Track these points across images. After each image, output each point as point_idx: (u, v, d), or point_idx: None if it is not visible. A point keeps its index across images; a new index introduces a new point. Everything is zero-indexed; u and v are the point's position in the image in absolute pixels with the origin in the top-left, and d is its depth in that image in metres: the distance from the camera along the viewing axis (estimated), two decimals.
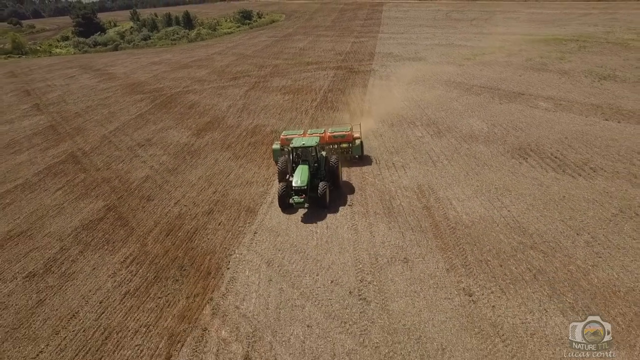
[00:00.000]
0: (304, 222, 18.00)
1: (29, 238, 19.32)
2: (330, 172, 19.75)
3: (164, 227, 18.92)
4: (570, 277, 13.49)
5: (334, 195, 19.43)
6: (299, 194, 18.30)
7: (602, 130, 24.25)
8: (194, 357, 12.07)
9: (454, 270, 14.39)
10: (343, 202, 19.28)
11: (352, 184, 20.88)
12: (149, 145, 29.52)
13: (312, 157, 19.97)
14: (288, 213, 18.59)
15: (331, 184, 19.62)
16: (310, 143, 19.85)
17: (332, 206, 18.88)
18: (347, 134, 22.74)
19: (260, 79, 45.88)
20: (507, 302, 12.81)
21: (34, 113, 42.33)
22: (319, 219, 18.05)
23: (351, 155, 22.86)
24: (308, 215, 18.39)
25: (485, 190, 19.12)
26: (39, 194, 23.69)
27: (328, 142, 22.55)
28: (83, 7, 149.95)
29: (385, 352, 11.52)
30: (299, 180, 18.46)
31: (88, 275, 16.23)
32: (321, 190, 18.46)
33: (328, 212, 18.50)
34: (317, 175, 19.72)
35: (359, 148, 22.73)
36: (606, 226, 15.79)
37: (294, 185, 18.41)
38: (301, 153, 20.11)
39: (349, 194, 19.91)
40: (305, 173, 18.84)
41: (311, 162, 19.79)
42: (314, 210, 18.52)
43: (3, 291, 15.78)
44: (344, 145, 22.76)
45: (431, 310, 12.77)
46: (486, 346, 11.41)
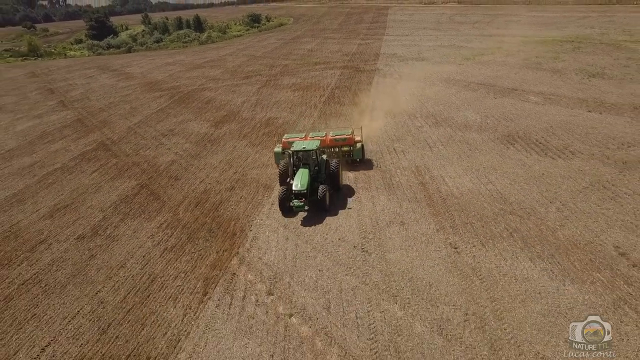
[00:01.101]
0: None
1: (74, 210, 22.11)
2: (331, 175, 19.93)
3: (192, 200, 21.66)
4: (540, 235, 16.04)
5: (334, 198, 19.83)
6: (299, 198, 18.33)
7: (584, 120, 26.74)
8: (226, 293, 14.73)
9: (442, 230, 16.98)
10: (348, 180, 21.88)
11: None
12: (171, 135, 32.34)
13: (312, 160, 19.95)
14: (288, 216, 18.85)
15: (331, 187, 19.87)
16: (311, 147, 19.94)
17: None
18: (349, 138, 22.87)
19: (271, 78, 48.71)
20: (485, 252, 15.38)
21: (60, 109, 45.32)
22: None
23: (352, 158, 23.06)
24: (309, 216, 18.82)
25: (475, 169, 21.70)
26: (77, 176, 26.52)
27: (329, 145, 22.66)
28: (96, 10, 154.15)
29: (383, 288, 14.13)
30: (299, 184, 18.49)
31: (130, 237, 18.97)
32: (321, 194, 18.52)
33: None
34: (318, 179, 19.76)
35: (359, 152, 22.87)
36: (576, 196, 18.33)
37: (294, 189, 18.44)
38: (302, 156, 20.02)
39: (354, 172, 22.50)
40: (305, 177, 18.83)
41: (312, 166, 19.78)
42: (314, 213, 18.86)
43: (60, 249, 18.54)
44: (345, 148, 22.88)
45: (422, 259, 15.38)
46: (466, 283, 13.99)
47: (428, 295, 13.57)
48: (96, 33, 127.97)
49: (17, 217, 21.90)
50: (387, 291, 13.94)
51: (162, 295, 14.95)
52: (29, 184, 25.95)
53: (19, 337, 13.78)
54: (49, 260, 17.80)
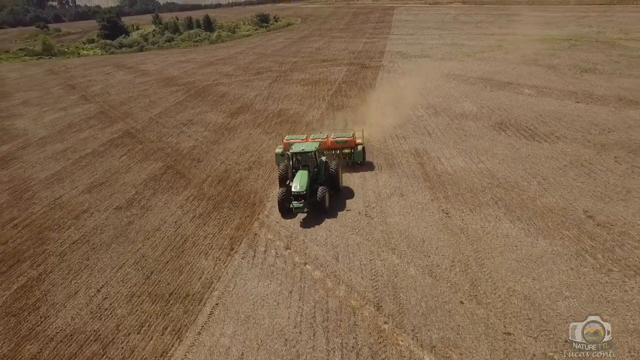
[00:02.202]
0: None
1: (109, 186, 24.76)
2: (331, 177, 20.04)
3: (214, 178, 24.25)
4: (521, 203, 18.46)
5: (333, 199, 19.88)
6: (298, 199, 18.42)
7: (572, 110, 29.09)
8: (249, 248, 17.27)
9: (436, 200, 19.44)
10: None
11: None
12: (191, 124, 34.99)
13: (312, 162, 20.03)
14: (288, 218, 18.95)
15: (331, 188, 19.99)
16: (310, 148, 20.04)
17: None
18: (350, 140, 22.96)
19: (281, 74, 51.31)
20: (472, 216, 17.83)
21: (83, 102, 48.14)
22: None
23: (353, 161, 23.15)
24: (310, 212, 19.05)
25: (468, 151, 24.13)
26: (107, 159, 29.20)
27: (330, 147, 22.87)
28: (108, 11, 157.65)
29: (383, 243, 16.61)
30: (299, 185, 18.57)
31: (161, 207, 21.57)
32: (320, 195, 18.61)
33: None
34: (317, 180, 19.82)
35: (360, 154, 22.98)
36: (556, 172, 20.73)
37: (293, 190, 18.53)
38: (301, 158, 20.09)
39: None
40: (304, 178, 18.92)
41: (311, 167, 19.85)
42: (313, 214, 18.96)
43: (101, 217, 21.17)
44: (346, 150, 23.02)
45: (417, 222, 17.85)
46: (454, 239, 16.44)
47: (421, 248, 16.05)
48: (108, 33, 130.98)
49: (59, 192, 24.58)
50: (386, 245, 16.44)
51: (195, 251, 17.51)
52: (65, 166, 28.64)
53: (77, 282, 16.39)
54: (93, 225, 20.44)
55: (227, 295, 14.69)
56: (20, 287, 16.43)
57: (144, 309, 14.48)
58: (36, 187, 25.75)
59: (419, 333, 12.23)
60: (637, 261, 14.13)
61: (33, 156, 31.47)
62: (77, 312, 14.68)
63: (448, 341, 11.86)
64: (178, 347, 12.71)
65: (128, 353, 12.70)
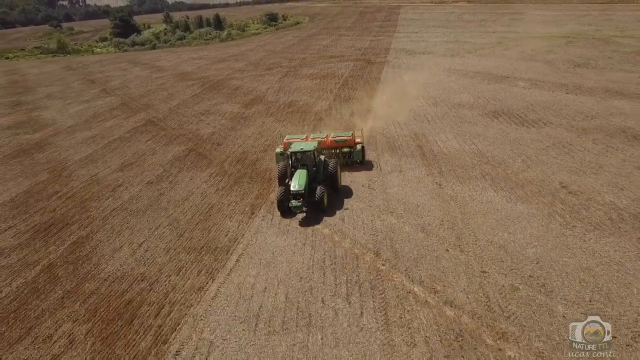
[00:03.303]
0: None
1: (139, 166, 27.57)
2: (329, 176, 20.25)
3: (233, 159, 26.98)
4: (505, 176, 21.02)
5: (332, 198, 20.20)
6: (297, 198, 18.67)
7: (561, 100, 31.53)
8: (268, 213, 19.94)
9: (431, 175, 22.03)
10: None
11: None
12: (208, 114, 37.78)
13: (310, 161, 20.28)
14: (287, 217, 19.21)
15: (330, 188, 20.26)
16: (308, 148, 20.27)
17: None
18: (349, 139, 23.26)
19: (291, 69, 54.04)
20: (462, 187, 20.41)
21: (104, 95, 51.13)
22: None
23: (352, 160, 23.42)
24: (309, 211, 19.34)
25: (462, 135, 26.68)
26: (134, 143, 32.04)
27: (330, 146, 23.16)
28: (120, 10, 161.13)
29: (383, 208, 19.24)
30: (297, 184, 18.80)
31: (188, 182, 24.33)
32: (318, 195, 18.81)
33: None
34: (316, 179, 20.05)
35: (359, 153, 23.23)
36: (539, 152, 23.25)
37: (292, 189, 18.73)
38: (300, 157, 20.37)
39: None
40: (303, 177, 19.15)
41: (310, 167, 20.12)
42: (312, 213, 19.23)
43: (134, 190, 23.97)
44: (346, 149, 23.26)
45: (413, 192, 20.45)
46: (444, 204, 19.03)
47: (416, 212, 18.67)
48: (120, 31, 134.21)
49: (94, 171, 27.43)
50: (386, 209, 19.08)
51: (220, 215, 20.25)
52: (96, 150, 31.52)
53: (120, 239, 19.17)
54: (128, 196, 23.24)
55: (250, 247, 17.39)
56: (72, 243, 19.24)
57: (180, 258, 17.22)
58: (72, 167, 28.61)
59: (410, 272, 14.86)
60: (598, 220, 16.67)
61: (65, 142, 34.38)
62: (124, 261, 17.45)
63: (434, 277, 14.49)
64: (211, 285, 15.43)
65: (170, 288, 15.44)
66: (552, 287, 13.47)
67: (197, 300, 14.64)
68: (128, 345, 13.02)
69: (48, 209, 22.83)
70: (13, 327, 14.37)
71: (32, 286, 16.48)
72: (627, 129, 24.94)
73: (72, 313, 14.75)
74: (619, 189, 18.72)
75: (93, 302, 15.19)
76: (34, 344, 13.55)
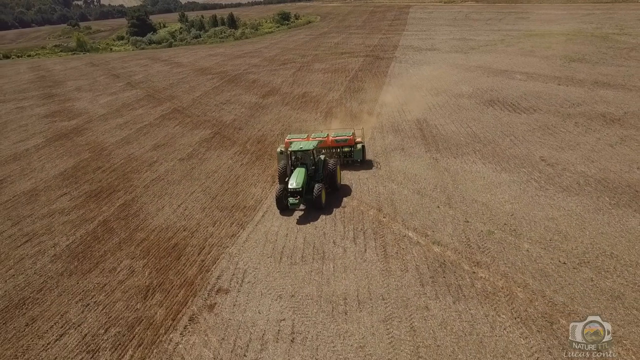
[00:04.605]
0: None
1: (170, 146, 31.00)
2: (329, 175, 20.58)
3: (254, 140, 30.30)
4: (494, 152, 24.07)
5: (331, 197, 20.56)
6: (294, 196, 19.09)
7: (553, 90, 34.43)
8: None
9: (429, 152, 25.14)
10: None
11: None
12: (229, 103, 41.19)
13: (310, 160, 20.72)
14: (285, 215, 19.66)
15: (330, 186, 20.66)
16: (308, 147, 20.66)
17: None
18: (349, 138, 23.62)
19: (304, 64, 57.34)
20: (455, 161, 23.51)
21: (129, 88, 54.81)
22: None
23: (352, 159, 23.85)
24: (307, 209, 19.85)
25: (459, 120, 29.74)
26: (164, 128, 35.52)
27: (331, 146, 23.59)
28: (137, 9, 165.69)
29: (386, 177, 22.40)
30: (295, 182, 19.22)
31: (215, 158, 27.69)
32: (316, 192, 19.17)
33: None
34: (315, 178, 20.40)
35: (360, 152, 23.68)
36: (526, 133, 26.25)
37: (289, 187, 19.16)
38: (300, 156, 20.81)
39: (369, 127, 30.78)
40: (301, 175, 19.54)
41: (309, 165, 20.55)
42: (310, 211, 19.67)
43: (168, 165, 27.38)
44: (346, 149, 23.64)
45: (413, 164, 23.59)
46: (439, 174, 22.12)
47: (414, 179, 21.81)
48: (137, 30, 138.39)
49: (130, 151, 30.92)
50: (388, 178, 22.26)
51: (246, 184, 23.56)
52: (129, 134, 35.05)
53: (161, 201, 22.55)
54: (164, 170, 26.66)
55: (273, 207, 20.59)
56: (121, 204, 22.68)
57: (215, 214, 20.55)
58: (110, 148, 32.15)
59: (406, 222, 18.04)
60: (568, 184, 19.71)
61: (100, 127, 37.98)
62: (167, 217, 20.82)
63: (425, 226, 17.65)
64: (242, 233, 18.72)
65: (208, 235, 18.77)
66: (521, 231, 16.58)
67: (231, 243, 17.94)
68: (178, 273, 16.35)
69: (95, 180, 26.32)
70: (83, 263, 17.78)
71: (93, 235, 19.92)
72: (606, 114, 27.86)
73: (129, 253, 18.13)
74: (590, 161, 21.72)
75: (145, 245, 18.55)
76: (102, 273, 16.93)
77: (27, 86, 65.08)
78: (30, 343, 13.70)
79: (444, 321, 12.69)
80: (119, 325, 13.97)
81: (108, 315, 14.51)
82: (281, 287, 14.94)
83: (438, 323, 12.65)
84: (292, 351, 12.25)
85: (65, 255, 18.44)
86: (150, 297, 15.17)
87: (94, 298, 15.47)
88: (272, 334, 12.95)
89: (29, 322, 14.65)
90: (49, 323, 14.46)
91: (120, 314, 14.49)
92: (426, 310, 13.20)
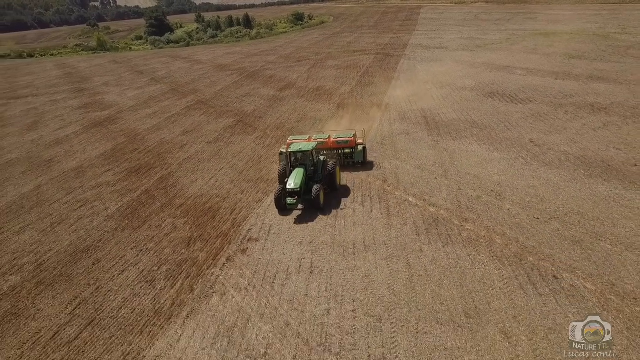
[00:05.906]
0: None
1: (197, 132, 34.32)
2: (328, 176, 20.75)
3: (273, 127, 33.50)
4: (489, 136, 26.96)
5: (330, 197, 20.84)
6: (293, 196, 19.32)
7: (549, 84, 37.13)
8: None
9: (431, 135, 28.10)
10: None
11: (372, 130, 34.30)
12: (248, 96, 44.49)
13: (309, 161, 20.94)
14: (283, 215, 19.97)
15: (329, 187, 20.92)
16: (307, 148, 20.88)
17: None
18: (350, 140, 23.80)
19: (318, 61, 60.50)
20: (454, 142, 26.45)
21: (153, 83, 58.42)
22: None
23: (353, 160, 23.97)
24: (305, 209, 20.15)
25: (461, 110, 32.64)
26: (190, 117, 38.90)
27: (332, 147, 23.75)
28: (155, 10, 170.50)
29: (392, 155, 25.41)
30: (293, 182, 19.45)
31: (240, 142, 30.91)
32: (315, 193, 19.35)
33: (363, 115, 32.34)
34: (314, 179, 20.59)
35: (361, 154, 23.87)
36: (519, 120, 29.07)
37: (288, 187, 19.36)
38: (300, 157, 21.06)
39: (377, 116, 33.77)
40: (300, 176, 19.78)
41: (308, 166, 20.77)
42: (308, 211, 19.97)
43: (198, 147, 30.66)
44: (347, 150, 23.74)
45: (416, 146, 26.57)
46: (439, 153, 25.09)
47: (416, 157, 24.80)
48: (155, 30, 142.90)
49: (162, 136, 34.30)
50: (393, 156, 25.27)
51: (268, 162, 26.70)
52: (159, 122, 38.47)
53: (194, 175, 25.80)
54: (194, 151, 29.96)
55: None
56: (159, 178, 25.98)
57: (242, 185, 23.75)
58: (143, 134, 35.57)
59: (407, 190, 21.04)
60: (550, 160, 22.53)
61: (131, 117, 41.49)
62: (201, 187, 24.06)
63: (424, 192, 20.63)
64: (267, 199, 21.82)
65: (238, 200, 21.95)
66: (505, 196, 19.51)
67: (258, 206, 21.11)
68: (215, 227, 19.55)
69: (133, 159, 29.69)
70: (133, 221, 21.07)
71: (138, 201, 23.22)
72: (595, 104, 30.57)
73: (171, 214, 21.39)
74: (574, 143, 24.52)
75: (184, 208, 21.80)
76: (150, 228, 20.19)
77: (57, 82, 69.14)
78: (98, 276, 16.96)
79: (434, 259, 15.68)
80: (169, 264, 17.19)
81: (159, 257, 17.74)
82: (301, 236, 18.06)
83: (429, 260, 15.65)
84: (311, 279, 15.35)
85: (117, 215, 21.76)
86: (193, 245, 18.37)
87: (145, 246, 18.71)
88: (295, 268, 16.06)
89: (95, 262, 17.94)
90: (112, 263, 17.73)
91: (169, 257, 17.70)
92: (420, 252, 16.20)
